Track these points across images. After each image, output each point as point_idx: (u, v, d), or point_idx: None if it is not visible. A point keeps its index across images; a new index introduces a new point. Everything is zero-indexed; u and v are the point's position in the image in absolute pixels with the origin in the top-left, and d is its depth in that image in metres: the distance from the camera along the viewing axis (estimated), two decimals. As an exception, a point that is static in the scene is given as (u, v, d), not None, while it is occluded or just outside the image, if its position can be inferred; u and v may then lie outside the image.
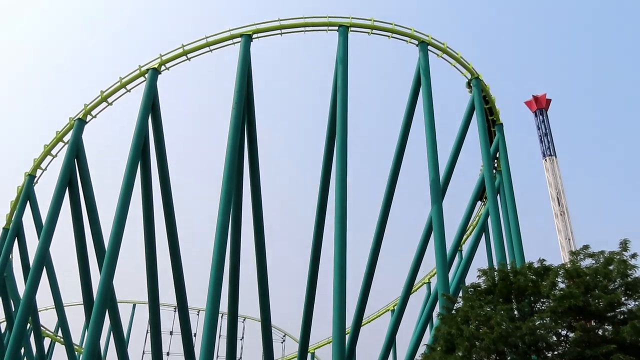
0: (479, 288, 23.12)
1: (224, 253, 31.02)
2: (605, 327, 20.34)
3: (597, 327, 19.92)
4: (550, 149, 70.08)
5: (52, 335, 65.06)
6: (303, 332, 39.30)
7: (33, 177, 43.73)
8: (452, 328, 21.83)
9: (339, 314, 29.45)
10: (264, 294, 37.94)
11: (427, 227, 40.28)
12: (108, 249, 32.89)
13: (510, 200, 41.89)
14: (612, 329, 19.69)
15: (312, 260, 39.39)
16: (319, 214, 39.55)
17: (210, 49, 38.97)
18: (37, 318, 45.44)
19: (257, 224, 38.22)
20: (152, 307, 37.36)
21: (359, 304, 39.54)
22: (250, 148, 38.24)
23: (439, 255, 32.66)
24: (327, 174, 39.03)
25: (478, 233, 47.32)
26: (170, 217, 37.74)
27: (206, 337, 28.90)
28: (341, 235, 30.99)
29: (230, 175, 32.54)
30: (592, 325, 19.85)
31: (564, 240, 66.09)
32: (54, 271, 42.86)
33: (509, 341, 19.42)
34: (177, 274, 37.34)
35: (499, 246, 37.98)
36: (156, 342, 37.61)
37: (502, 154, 44.01)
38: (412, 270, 41.84)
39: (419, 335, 41.81)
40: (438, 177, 35.91)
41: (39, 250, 35.70)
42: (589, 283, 19.29)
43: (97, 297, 31.43)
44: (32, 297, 35.22)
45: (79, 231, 38.43)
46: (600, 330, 20.28)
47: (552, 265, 21.35)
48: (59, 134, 42.24)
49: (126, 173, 34.52)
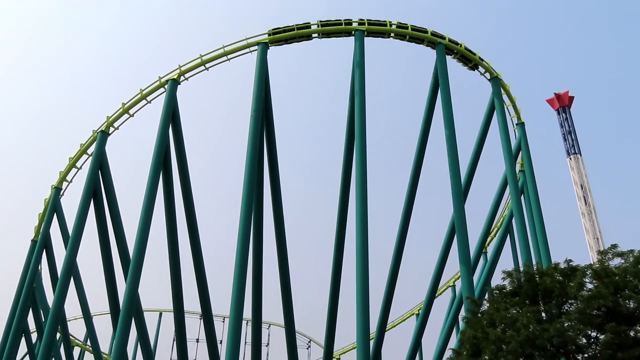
0: (504, 290, 22.77)
1: (246, 260, 31.16)
2: (637, 329, 19.80)
3: (628, 329, 19.38)
4: (574, 147, 68.80)
5: (82, 344, 66.21)
6: (327, 338, 39.22)
7: (59, 190, 44.71)
8: (478, 331, 21.50)
9: (362, 319, 29.29)
10: (287, 300, 38.00)
11: (449, 230, 39.84)
12: (133, 258, 33.38)
13: (535, 200, 41.16)
14: (645, 330, 19.15)
15: (335, 265, 39.34)
16: (340, 218, 39.48)
17: (227, 58, 39.34)
18: (66, 327, 46.35)
19: (279, 230, 38.35)
20: (177, 315, 37.74)
21: (382, 308, 39.28)
22: (270, 154, 38.42)
23: (462, 257, 32.26)
24: (347, 178, 38.98)
25: (502, 234, 46.60)
26: (192, 225, 38.11)
27: (231, 344, 29.03)
28: (363, 240, 30.84)
29: (251, 182, 32.71)
30: (623, 327, 19.31)
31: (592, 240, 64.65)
32: (81, 281, 43.67)
33: (537, 344, 19.01)
34: (200, 282, 37.66)
35: (524, 247, 37.31)
36: (182, 350, 37.93)
37: (524, 154, 43.32)
38: (436, 274, 41.37)
39: (444, 339, 41.28)
40: (459, 179, 35.52)
41: (66, 261, 36.45)
42: (618, 283, 18.79)
43: (123, 306, 31.88)
44: (60, 307, 35.92)
45: (104, 241, 39.11)
46: (632, 332, 19.75)
47: (579, 265, 20.88)
48: (82, 146, 43.12)
49: (148, 183, 35.01)
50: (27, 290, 42.10)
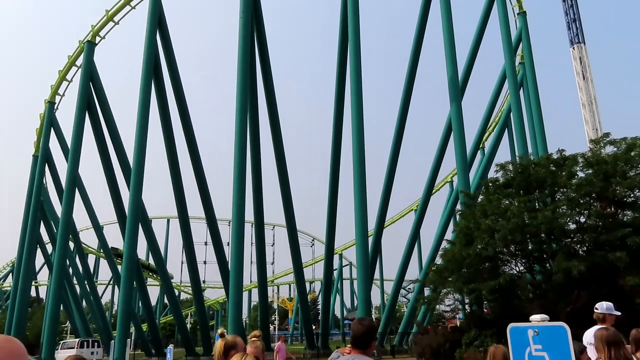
0: (497, 182, 23.28)
1: (244, 163, 31.64)
2: (625, 213, 20.47)
3: (615, 213, 20.03)
4: (579, 36, 66.49)
5: (95, 251, 69.27)
6: (328, 235, 40.82)
7: (53, 104, 44.25)
8: (471, 222, 22.32)
9: (360, 216, 30.35)
10: (287, 201, 39.04)
11: (447, 126, 39.81)
12: (133, 165, 33.87)
13: (534, 93, 40.63)
14: (632, 214, 19.81)
15: (333, 164, 39.87)
16: (336, 116, 39.37)
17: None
18: (78, 236, 48.17)
19: (275, 132, 38.43)
20: (182, 219, 38.97)
21: (381, 205, 40.41)
22: (262, 55, 37.44)
23: (458, 153, 32.58)
24: (343, 75, 38.34)
25: (500, 129, 46.61)
26: (188, 131, 38.09)
27: (235, 244, 30.40)
28: (359, 137, 31.06)
29: (244, 83, 32.27)
30: (610, 212, 19.95)
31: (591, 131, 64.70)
32: (86, 192, 44.64)
33: (526, 230, 19.81)
34: (202, 187, 38.42)
35: (521, 141, 37.46)
36: (190, 252, 39.63)
37: (525, 45, 42.05)
38: (433, 170, 42.04)
39: (441, 232, 42.90)
40: (457, 74, 34.82)
41: (69, 173, 37.01)
42: (608, 170, 19.10)
43: (129, 213, 32.92)
44: (69, 216, 37.02)
45: (103, 151, 39.42)
46: (621, 215, 20.44)
47: (572, 155, 21.10)
48: (70, 58, 41.96)
49: (141, 92, 34.56)
50: (35, 204, 43.24)
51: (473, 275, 21.40)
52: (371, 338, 3.09)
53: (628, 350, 3.96)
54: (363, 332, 3.07)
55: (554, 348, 2.15)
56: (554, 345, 2.15)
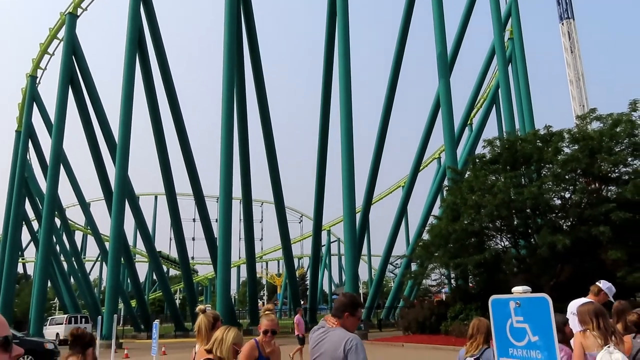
0: (484, 158, 23.38)
1: (232, 139, 31.39)
2: (609, 189, 20.72)
3: (599, 189, 20.26)
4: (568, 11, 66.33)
5: (82, 228, 68.86)
6: (316, 212, 40.92)
7: (35, 78, 43.26)
8: (457, 198, 22.48)
9: (348, 193, 30.41)
10: (275, 178, 38.92)
11: (435, 103, 39.71)
12: (119, 141, 33.41)
13: (522, 69, 40.59)
14: (616, 189, 20.06)
15: (321, 142, 39.73)
16: (324, 93, 39.09)
17: None
18: (64, 213, 47.71)
19: (262, 107, 38.08)
20: (169, 196, 38.71)
21: (369, 182, 40.48)
22: (249, 27, 36.81)
23: (446, 129, 32.62)
24: (331, 49, 37.93)
25: (488, 105, 46.62)
26: (174, 106, 37.53)
27: (222, 221, 30.37)
28: (347, 114, 30.90)
29: (231, 58, 31.83)
30: (595, 187, 20.17)
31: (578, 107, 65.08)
32: (71, 168, 43.98)
33: (512, 206, 20.01)
34: (189, 163, 38.07)
35: (508, 117, 37.59)
36: (177, 228, 39.50)
37: (514, 20, 41.80)
38: (421, 146, 42.08)
39: (429, 208, 43.18)
40: (445, 50, 34.61)
41: (53, 148, 36.37)
42: (594, 146, 19.23)
43: (115, 189, 32.63)
44: (54, 192, 36.54)
45: (88, 127, 38.77)
46: (605, 191, 20.69)
47: (558, 130, 21.20)
48: (52, 30, 40.87)
49: (125, 65, 33.88)
50: (19, 180, 42.66)
51: (459, 250, 21.68)
52: (347, 308, 3.14)
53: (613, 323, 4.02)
54: (342, 302, 3.17)
55: (535, 320, 2.14)
56: (536, 317, 2.13)
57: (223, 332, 3.43)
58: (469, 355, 4.23)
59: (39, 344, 17.02)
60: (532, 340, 2.13)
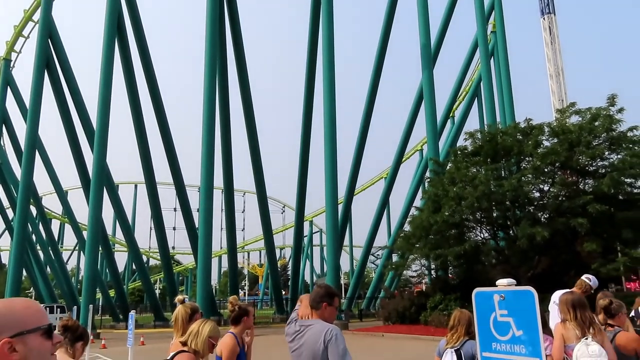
0: (465, 150, 23.52)
1: (213, 128, 31.01)
2: (587, 182, 21.05)
3: (577, 181, 20.57)
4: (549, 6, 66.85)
5: (59, 216, 67.57)
6: (298, 202, 40.81)
7: (9, 61, 42.06)
8: (439, 189, 22.60)
9: (331, 184, 30.35)
10: (257, 168, 38.64)
11: (418, 95, 39.79)
12: (97, 127, 32.70)
13: (504, 63, 40.80)
14: (593, 183, 20.39)
15: (304, 133, 39.54)
16: (308, 82, 38.82)
17: None
18: (39, 200, 46.70)
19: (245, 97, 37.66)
20: (149, 185, 38.09)
21: (351, 173, 40.48)
22: (231, 14, 36.26)
23: (429, 121, 32.71)
24: (315, 40, 37.63)
25: (470, 98, 46.91)
26: (155, 94, 36.85)
27: (203, 210, 30.09)
28: (331, 106, 30.75)
29: (213, 45, 31.35)
30: (573, 180, 20.47)
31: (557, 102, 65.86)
32: (47, 154, 42.95)
33: (492, 198, 20.20)
34: (169, 152, 37.52)
35: (490, 110, 37.85)
36: (157, 218, 38.99)
37: (497, 13, 41.90)
38: (404, 138, 42.21)
39: (410, 199, 43.43)
40: (429, 42, 34.62)
41: (28, 134, 35.40)
42: (573, 139, 19.47)
43: (93, 176, 32.00)
44: (29, 179, 35.66)
45: (65, 113, 37.83)
46: (582, 184, 21.02)
47: (539, 124, 21.41)
48: (27, 12, 39.72)
49: (104, 49, 33.09)
50: (-8, 166, 41.59)
51: (439, 242, 21.83)
52: (324, 299, 3.12)
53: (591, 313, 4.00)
54: (318, 293, 3.15)
55: (520, 313, 2.07)
56: (520, 311, 2.06)
57: (199, 325, 3.36)
58: (449, 347, 4.18)
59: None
60: (516, 335, 2.06)
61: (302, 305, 3.30)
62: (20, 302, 1.35)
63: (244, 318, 4.14)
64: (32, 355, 1.28)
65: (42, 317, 1.34)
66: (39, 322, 1.31)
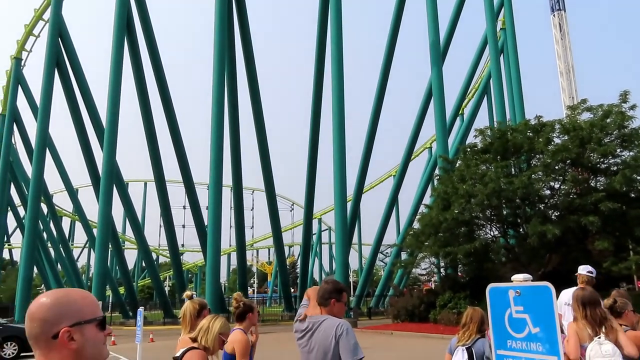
0: (475, 148, 23.35)
1: (222, 126, 31.06)
2: (598, 179, 20.81)
3: (589, 179, 20.34)
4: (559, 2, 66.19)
5: (70, 214, 68.13)
6: (307, 200, 40.79)
7: (20, 60, 42.38)
8: (448, 187, 22.46)
9: (340, 182, 30.32)
10: (266, 166, 38.66)
11: (427, 92, 39.57)
12: (106, 125, 32.90)
13: (514, 59, 40.50)
14: (605, 180, 20.15)
15: (312, 130, 39.48)
16: (316, 80, 38.75)
17: None
18: (50, 198, 47.10)
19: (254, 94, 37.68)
20: (158, 182, 38.30)
21: (360, 171, 40.39)
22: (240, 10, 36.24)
23: (438, 118, 32.54)
24: (323, 37, 37.54)
25: (480, 95, 46.62)
26: (164, 92, 36.99)
27: (212, 208, 30.17)
28: (339, 104, 30.69)
29: (222, 42, 31.39)
30: (584, 177, 20.23)
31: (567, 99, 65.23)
32: (57, 152, 43.31)
33: (502, 195, 20.02)
34: (178, 150, 37.66)
35: (500, 107, 37.59)
36: (166, 215, 39.18)
37: (506, 10, 41.61)
38: (413, 135, 42.03)
39: (419, 197, 43.26)
40: (438, 38, 34.44)
41: (39, 132, 35.68)
42: (584, 136, 19.24)
43: (103, 174, 32.20)
44: (40, 176, 35.85)
45: (75, 111, 38.08)
46: (593, 181, 20.78)
47: (549, 121, 21.19)
48: (37, 11, 39.99)
49: (113, 48, 33.25)
50: (4, 164, 41.93)
51: (449, 239, 21.70)
52: (332, 295, 3.08)
53: (604, 310, 3.92)
54: (326, 289, 3.11)
55: (536, 310, 2.01)
56: (537, 307, 2.01)
57: (209, 321, 3.32)
58: (460, 345, 4.14)
59: (23, 330, 16.74)
60: (532, 332, 2.00)
61: (310, 306, 3.26)
62: (78, 292, 1.40)
63: (249, 314, 4.12)
64: (88, 344, 1.33)
65: (97, 308, 1.39)
66: (95, 314, 1.36)
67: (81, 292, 1.40)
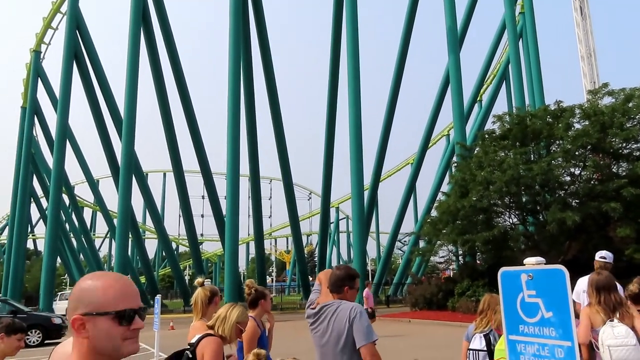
0: (493, 134, 23.04)
1: (238, 115, 31.15)
2: (620, 165, 20.38)
3: (610, 164, 19.93)
4: (581, -16, 64.47)
5: (91, 204, 69.24)
6: (324, 189, 40.81)
7: (39, 53, 42.93)
8: (466, 174, 22.24)
9: (357, 170, 30.25)
10: (283, 155, 38.73)
11: (444, 79, 39.07)
12: (125, 116, 33.27)
13: (533, 44, 39.69)
14: (627, 165, 19.72)
15: (329, 119, 39.39)
16: (332, 69, 38.56)
17: None
18: (71, 189, 47.87)
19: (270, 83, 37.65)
20: (176, 172, 38.68)
21: (377, 159, 40.20)
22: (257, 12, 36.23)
23: (456, 105, 32.15)
24: (339, 24, 37.26)
25: (498, 81, 45.82)
26: (181, 82, 37.18)
27: (230, 198, 30.39)
28: (356, 92, 30.51)
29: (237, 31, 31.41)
30: (606, 162, 19.83)
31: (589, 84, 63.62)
32: (77, 144, 43.90)
33: (521, 182, 19.75)
34: (196, 140, 37.92)
35: (519, 93, 36.92)
36: (185, 205, 39.60)
37: (526, -7, 40.74)
38: (430, 122, 41.62)
39: (437, 184, 42.87)
40: (455, 24, 33.92)
41: (59, 124, 36.16)
42: (605, 121, 18.83)
43: (122, 164, 32.62)
44: (61, 168, 36.40)
45: (94, 102, 38.52)
46: (615, 167, 20.36)
47: (569, 106, 20.77)
48: (54, 4, 40.40)
49: (130, 39, 33.49)
50: (26, 156, 42.70)
51: (467, 227, 21.53)
52: (345, 282, 3.07)
53: (620, 295, 3.84)
54: (338, 276, 3.09)
55: (549, 294, 1.97)
56: (550, 291, 1.96)
57: (227, 309, 3.30)
58: (478, 331, 4.11)
59: (47, 318, 17.25)
60: (545, 317, 1.96)
61: (322, 293, 3.25)
62: (106, 280, 1.33)
63: (261, 301, 4.12)
64: (101, 336, 1.28)
65: (120, 301, 1.31)
66: (113, 307, 1.29)
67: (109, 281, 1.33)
